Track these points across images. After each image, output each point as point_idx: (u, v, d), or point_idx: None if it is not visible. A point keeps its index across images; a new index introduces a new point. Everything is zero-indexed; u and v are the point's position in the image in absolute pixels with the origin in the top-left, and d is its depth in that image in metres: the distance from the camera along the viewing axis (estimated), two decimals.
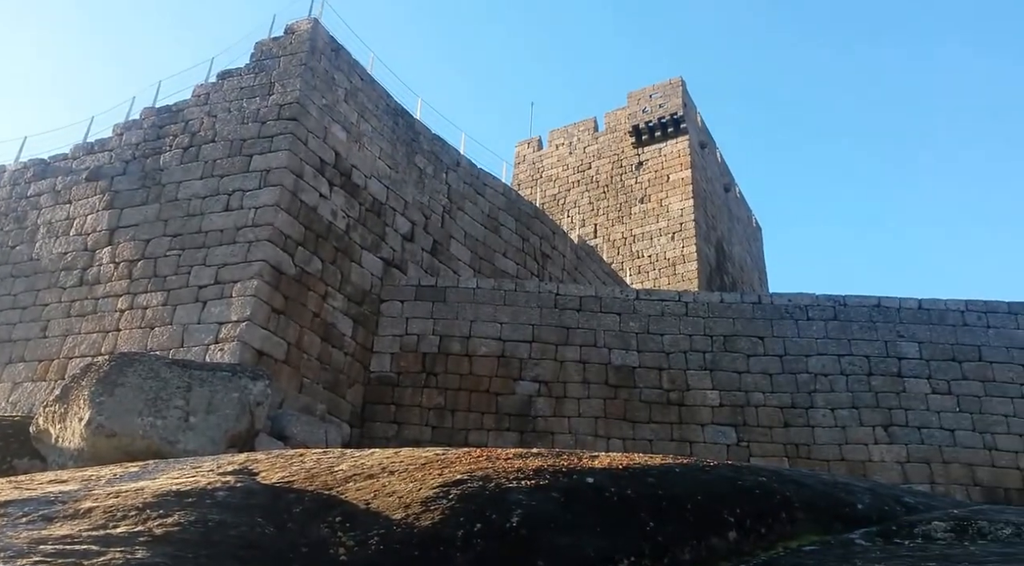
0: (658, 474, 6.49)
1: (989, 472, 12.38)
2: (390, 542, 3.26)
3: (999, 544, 7.88)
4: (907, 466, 12.49)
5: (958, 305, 13.81)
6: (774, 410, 13.17)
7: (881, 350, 13.45)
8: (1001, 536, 8.16)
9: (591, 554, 4.24)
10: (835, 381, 13.28)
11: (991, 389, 13.01)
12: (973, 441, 12.62)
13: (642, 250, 27.75)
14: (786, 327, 13.89)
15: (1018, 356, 13.25)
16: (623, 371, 13.66)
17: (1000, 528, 8.30)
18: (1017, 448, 12.53)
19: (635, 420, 13.29)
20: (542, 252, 18.63)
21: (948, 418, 12.83)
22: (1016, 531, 8.37)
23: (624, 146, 30.34)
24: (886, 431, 12.79)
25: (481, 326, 13.99)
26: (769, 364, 13.61)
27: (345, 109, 14.79)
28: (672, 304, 14.34)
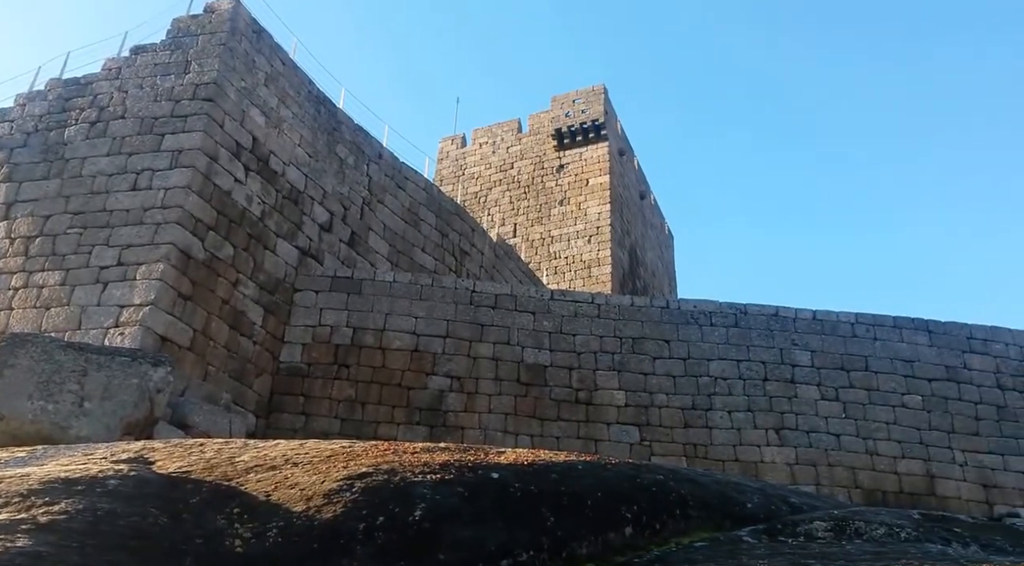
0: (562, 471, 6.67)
1: (869, 475, 13.20)
2: (289, 535, 3.26)
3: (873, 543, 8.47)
4: (795, 468, 13.18)
5: (849, 317, 14.66)
6: (676, 411, 13.66)
7: (777, 357, 14.15)
8: (875, 536, 8.76)
9: (492, 548, 4.35)
10: (733, 385, 13.88)
11: (875, 397, 13.88)
12: (856, 446, 13.43)
13: (559, 251, 28.18)
14: (691, 332, 14.42)
15: (900, 367, 14.18)
16: (535, 369, 13.88)
17: (875, 529, 8.92)
18: (895, 454, 13.41)
19: (544, 418, 13.52)
20: (461, 249, 18.69)
21: (835, 423, 13.61)
22: (889, 531, 9.00)
23: (546, 148, 30.72)
24: (778, 434, 13.47)
25: (396, 320, 13.94)
26: (673, 367, 14.10)
27: (265, 93, 14.45)
28: (585, 305, 14.65)
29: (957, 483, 13.21)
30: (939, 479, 13.21)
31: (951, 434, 13.61)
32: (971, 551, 9.26)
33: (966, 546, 9.76)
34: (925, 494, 13.03)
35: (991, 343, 14.55)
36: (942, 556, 7.94)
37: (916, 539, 9.04)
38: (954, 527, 10.82)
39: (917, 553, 7.75)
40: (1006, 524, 13.30)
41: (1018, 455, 13.47)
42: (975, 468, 13.33)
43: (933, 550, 8.22)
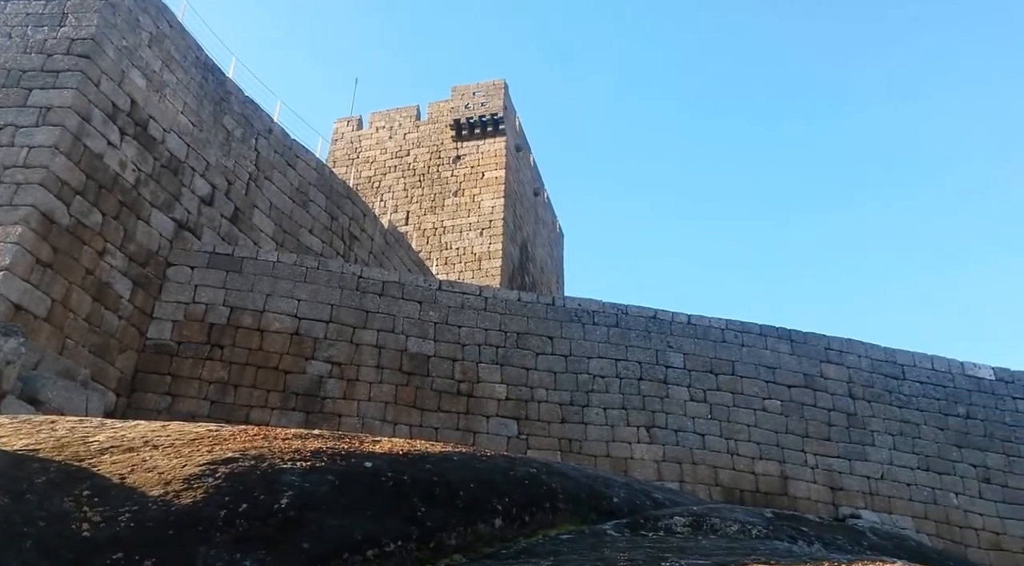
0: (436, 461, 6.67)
1: (730, 474, 13.96)
2: (143, 520, 3.10)
3: (727, 539, 8.94)
4: (663, 465, 13.76)
5: (720, 323, 15.42)
6: (554, 406, 13.95)
7: (652, 358, 14.71)
8: (729, 532, 9.26)
9: (358, 537, 4.30)
10: (610, 383, 14.32)
11: (739, 400, 14.67)
12: (719, 446, 14.16)
13: (451, 242, 28.14)
14: (574, 330, 14.76)
15: (764, 373, 15.06)
16: (418, 359, 13.81)
17: (729, 525, 9.42)
18: (754, 455, 14.24)
19: (424, 408, 13.48)
20: (351, 233, 18.32)
21: (701, 424, 14.30)
22: (742, 529, 9.52)
23: (444, 138, 30.58)
24: (648, 432, 14.01)
25: (277, 301, 13.51)
26: (555, 363, 14.39)
27: (148, 55, 13.61)
28: (473, 298, 14.71)
29: (808, 484, 14.17)
30: (792, 480, 14.13)
31: (805, 438, 14.58)
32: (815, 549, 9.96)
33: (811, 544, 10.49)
34: (779, 494, 13.90)
35: (846, 354, 15.69)
36: (788, 553, 8.49)
37: (766, 537, 9.64)
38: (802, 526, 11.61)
39: (765, 550, 8.27)
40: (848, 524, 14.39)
41: (863, 460, 14.60)
42: (824, 471, 14.35)
43: (780, 547, 8.78)
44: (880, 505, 14.12)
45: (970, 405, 15.64)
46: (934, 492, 14.53)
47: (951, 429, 15.29)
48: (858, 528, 13.98)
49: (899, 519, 13.92)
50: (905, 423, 15.14)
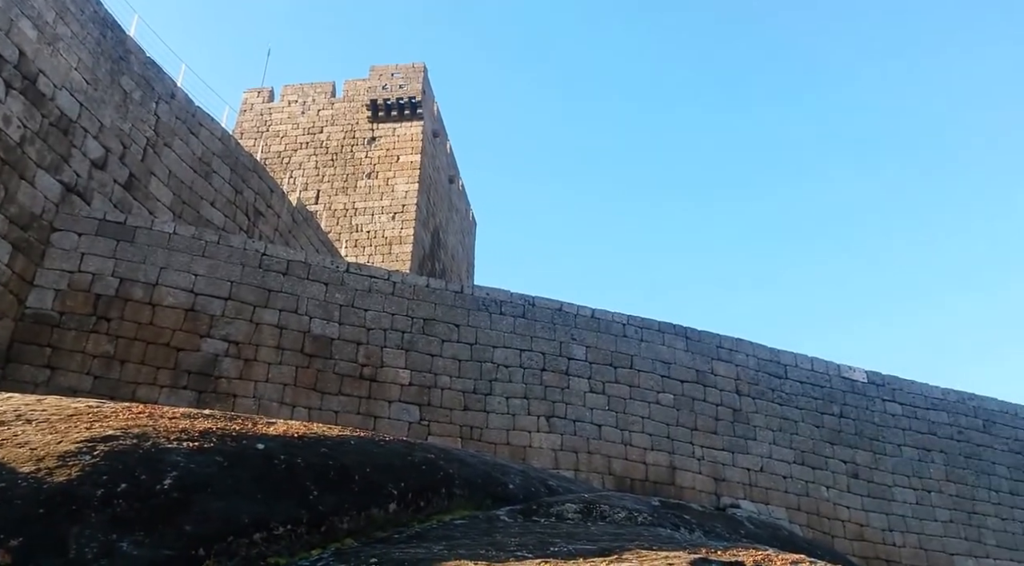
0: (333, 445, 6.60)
1: (622, 464, 14.40)
2: (11, 497, 2.95)
3: (614, 526, 9.22)
4: (560, 453, 14.06)
5: (621, 318, 15.85)
6: (457, 394, 14.01)
7: (556, 349, 14.97)
8: (617, 519, 9.55)
9: (245, 520, 4.22)
10: (514, 373, 14.49)
11: (635, 393, 15.15)
12: (614, 436, 14.58)
13: (362, 224, 27.69)
14: (481, 318, 14.83)
15: (660, 368, 15.59)
16: (321, 341, 13.56)
17: (617, 512, 9.70)
18: (646, 445, 14.73)
19: (325, 391, 13.27)
20: (256, 209, 17.75)
21: (598, 415, 14.68)
22: (629, 515, 9.82)
23: (360, 118, 29.99)
24: (548, 421, 14.27)
25: (172, 275, 12.95)
26: (460, 351, 14.43)
27: (40, 4, 12.73)
28: (380, 282, 14.54)
29: (693, 475, 14.78)
30: (679, 470, 14.71)
31: (694, 431, 15.20)
32: (695, 536, 10.42)
33: (692, 531, 10.95)
34: (667, 483, 14.45)
35: (735, 353, 16.42)
36: (669, 539, 8.86)
37: (651, 523, 10.01)
38: (685, 514, 12.08)
39: (649, 536, 8.60)
40: (728, 514, 15.07)
41: (745, 453, 15.35)
42: (710, 463, 15.01)
43: (663, 534, 9.15)
44: (758, 496, 14.90)
45: (844, 405, 16.69)
46: (807, 485, 15.44)
47: (826, 427, 16.28)
48: (737, 517, 14.68)
49: (775, 510, 14.73)
50: (785, 420, 16.01)
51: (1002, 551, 16.27)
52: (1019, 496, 17.01)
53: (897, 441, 16.69)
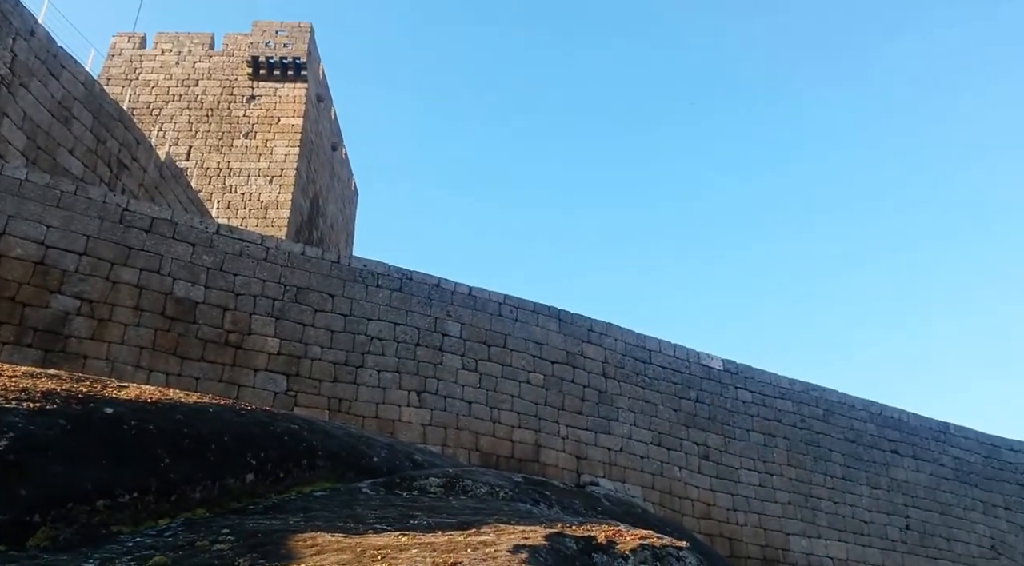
0: (189, 412, 6.39)
1: (490, 441, 14.69)
2: None
3: (475, 500, 9.41)
4: (428, 428, 14.15)
5: (498, 298, 16.08)
6: (328, 365, 13.79)
7: (431, 325, 15.01)
8: (479, 494, 9.74)
9: (88, 487, 4.04)
10: (387, 346, 14.42)
11: (507, 372, 15.45)
12: (484, 413, 14.83)
13: (236, 186, 26.52)
14: (356, 290, 14.64)
15: (532, 348, 15.96)
16: (185, 304, 12.96)
17: (480, 487, 9.90)
18: (514, 423, 15.08)
19: (186, 356, 12.71)
20: (120, 161, 16.63)
21: (470, 392, 14.88)
22: (491, 491, 10.04)
23: (239, 74, 28.59)
24: (419, 396, 14.32)
25: (21, 225, 11.97)
26: (333, 321, 14.19)
27: None
28: (253, 246, 14.04)
29: (557, 453, 15.29)
30: (544, 448, 15.17)
31: (560, 410, 15.70)
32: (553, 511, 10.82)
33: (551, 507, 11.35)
34: (531, 460, 14.88)
35: (605, 337, 17.05)
36: (528, 514, 9.15)
37: (512, 498, 10.30)
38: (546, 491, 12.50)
39: (509, 510, 8.84)
40: (587, 491, 15.70)
41: (607, 434, 16.01)
42: (573, 441, 15.56)
43: (523, 509, 9.43)
44: (617, 475, 15.62)
45: (700, 391, 17.72)
46: (662, 465, 16.33)
47: (683, 411, 17.24)
48: (595, 495, 15.31)
49: (631, 488, 15.50)
50: (646, 402, 16.82)
51: (832, 532, 17.85)
52: (850, 482, 18.68)
53: (746, 426, 17.91)
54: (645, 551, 7.29)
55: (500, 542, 6.32)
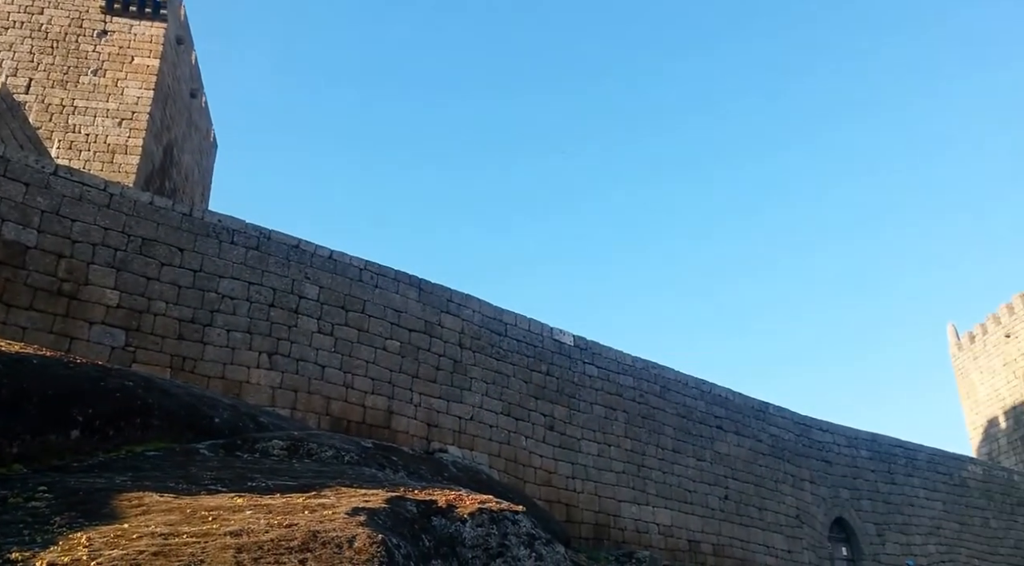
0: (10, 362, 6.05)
1: (341, 406, 14.63)
2: None
3: (319, 463, 9.46)
4: (278, 391, 13.91)
5: (359, 263, 15.94)
6: (173, 321, 13.21)
7: (288, 286, 14.68)
8: (324, 457, 9.78)
9: None
10: (239, 306, 13.99)
11: (363, 338, 15.40)
12: (337, 378, 14.74)
13: (81, 126, 24.49)
14: (209, 245, 14.06)
15: (391, 315, 15.98)
16: (14, 248, 11.97)
17: (325, 451, 9.94)
18: (368, 389, 15.09)
19: (13, 304, 11.79)
20: None
21: (324, 356, 14.72)
22: (336, 454, 10.11)
23: (91, 6, 26.23)
24: (270, 358, 14.02)
25: None
26: (182, 276, 13.59)
27: None
28: (96, 192, 13.14)
29: (409, 420, 15.47)
30: (396, 415, 15.31)
31: (415, 378, 15.86)
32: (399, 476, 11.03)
33: (396, 472, 11.57)
34: (383, 427, 14.98)
35: (463, 307, 17.33)
36: (372, 478, 9.31)
37: (358, 463, 10.44)
38: (393, 456, 12.70)
39: (353, 474, 8.96)
40: (435, 458, 15.95)
41: (459, 402, 16.36)
42: (425, 409, 15.79)
43: (367, 473, 9.58)
44: (465, 443, 16.03)
45: (551, 364, 18.44)
46: (510, 435, 16.92)
47: (533, 383, 17.88)
48: (443, 461, 15.64)
49: (478, 456, 15.97)
50: (499, 374, 17.31)
51: (660, 500, 19.17)
52: (679, 453, 20.09)
53: (590, 399, 18.83)
54: (483, 515, 7.65)
55: (340, 505, 6.43)
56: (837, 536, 23.04)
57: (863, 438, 25.08)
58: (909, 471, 25.52)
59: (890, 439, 25.90)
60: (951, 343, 45.80)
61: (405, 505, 7.00)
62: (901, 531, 24.07)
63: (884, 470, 24.87)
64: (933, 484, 25.88)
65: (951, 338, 45.84)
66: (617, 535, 17.75)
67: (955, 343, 45.45)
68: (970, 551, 25.40)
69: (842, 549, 22.96)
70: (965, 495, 26.53)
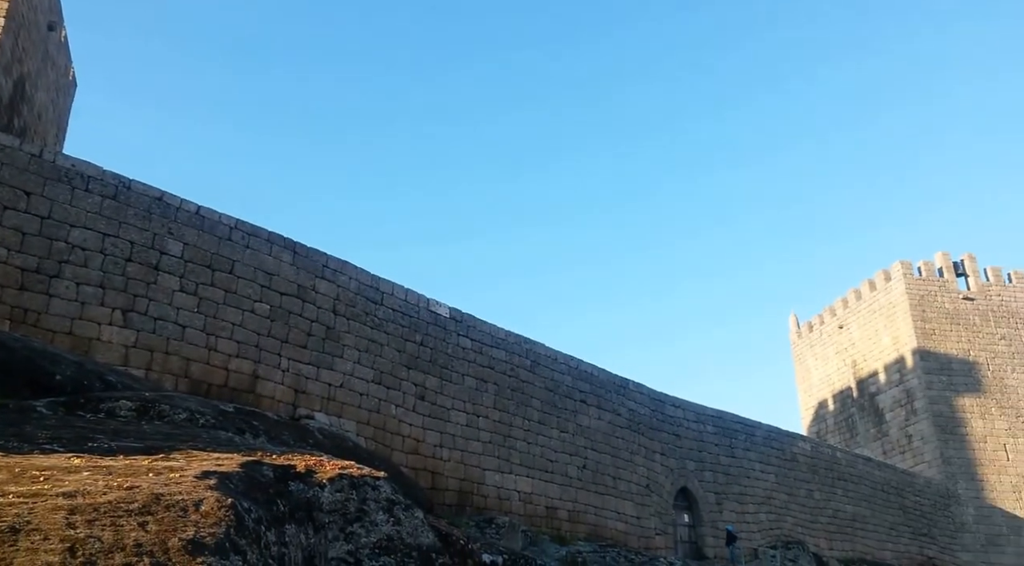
0: None
1: (202, 368, 14.03)
2: None
3: (171, 426, 9.07)
4: (132, 350, 13.16)
5: (230, 221, 15.25)
6: (15, 270, 12.19)
7: (148, 240, 13.85)
8: (176, 420, 9.39)
9: None
10: (92, 258, 13.08)
11: (230, 299, 14.79)
12: (199, 340, 14.11)
13: None
14: (60, 191, 13.03)
15: (261, 277, 15.41)
16: None
17: (179, 413, 9.54)
18: (232, 352, 14.54)
19: None
20: None
21: (185, 315, 14.05)
22: (190, 417, 9.73)
23: None
24: (124, 315, 13.22)
25: None
26: (27, 222, 12.54)
27: None
28: None
29: (275, 385, 15.06)
30: (262, 380, 14.86)
31: (284, 343, 15.43)
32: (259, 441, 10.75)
33: (256, 436, 11.28)
34: (247, 391, 14.50)
35: (339, 274, 16.98)
36: (228, 442, 9.04)
37: (213, 426, 10.08)
38: (255, 421, 12.36)
39: (207, 437, 8.66)
40: (301, 424, 15.65)
41: (330, 369, 16.08)
42: (294, 375, 15.42)
43: (223, 436, 9.28)
44: (334, 409, 15.82)
45: (426, 335, 18.44)
46: (380, 403, 16.82)
47: (407, 353, 17.83)
48: (309, 428, 15.35)
49: (346, 423, 15.80)
50: (372, 342, 17.14)
51: (523, 469, 19.68)
52: (544, 425, 20.66)
53: (462, 371, 19.00)
54: (343, 480, 7.61)
55: (189, 468, 6.21)
56: (681, 504, 24.54)
57: (710, 414, 26.74)
58: (748, 446, 27.46)
59: (733, 416, 27.77)
60: (792, 331, 49.71)
61: (261, 469, 6.86)
62: (737, 500, 25.92)
63: (726, 444, 26.65)
64: (768, 458, 27.98)
65: (792, 326, 49.75)
66: (480, 502, 18.12)
67: (795, 331, 49.35)
68: (795, 519, 27.72)
69: (684, 516, 24.50)
70: (794, 469, 28.86)
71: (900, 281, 40.80)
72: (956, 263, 41.87)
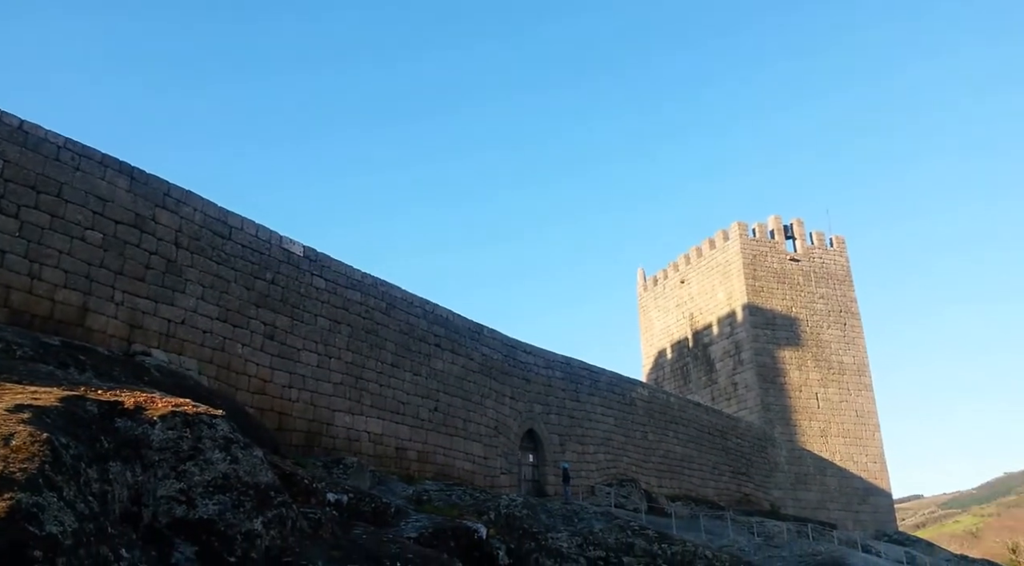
0: None
1: (23, 297, 12.94)
2: None
3: None
4: None
5: (58, 140, 13.93)
6: None
7: None
8: None
9: None
10: None
11: (57, 225, 13.62)
12: (20, 267, 12.97)
13: None
14: None
15: (93, 203, 14.25)
16: None
17: None
18: (59, 282, 13.46)
19: None
20: None
21: (4, 240, 12.84)
22: (5, 348, 9.10)
23: None
24: None
25: None
26: None
27: None
28: None
29: (108, 319, 14.15)
30: (93, 313, 13.91)
31: (119, 275, 14.47)
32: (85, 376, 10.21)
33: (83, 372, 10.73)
34: (75, 324, 13.55)
35: (183, 204, 16.03)
36: (49, 376, 8.56)
37: (32, 359, 9.54)
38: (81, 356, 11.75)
39: (26, 370, 8.16)
40: (136, 360, 14.95)
41: (170, 305, 15.28)
42: (129, 309, 14.53)
43: (44, 370, 8.77)
44: (174, 347, 15.11)
45: (277, 273, 17.88)
46: (225, 341, 16.24)
47: (256, 291, 17.24)
48: (145, 365, 14.66)
49: (187, 361, 15.16)
50: (219, 278, 16.42)
51: (374, 410, 19.76)
52: (397, 368, 20.76)
53: (315, 311, 18.65)
54: (176, 418, 7.39)
55: (0, 401, 5.83)
56: (527, 445, 25.67)
57: (559, 361, 27.92)
58: (592, 391, 29.02)
59: (580, 363, 29.17)
60: (639, 284, 52.80)
61: (84, 405, 6.55)
62: (579, 442, 27.45)
63: (572, 389, 28.01)
64: (609, 403, 29.73)
65: (639, 280, 52.83)
66: (328, 443, 18.08)
67: (642, 284, 52.46)
68: (630, 459, 29.78)
69: (529, 456, 25.70)
70: (632, 413, 30.88)
71: (736, 241, 43.93)
72: (786, 226, 45.55)
